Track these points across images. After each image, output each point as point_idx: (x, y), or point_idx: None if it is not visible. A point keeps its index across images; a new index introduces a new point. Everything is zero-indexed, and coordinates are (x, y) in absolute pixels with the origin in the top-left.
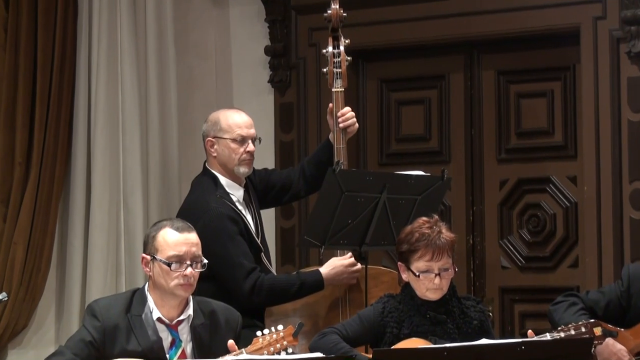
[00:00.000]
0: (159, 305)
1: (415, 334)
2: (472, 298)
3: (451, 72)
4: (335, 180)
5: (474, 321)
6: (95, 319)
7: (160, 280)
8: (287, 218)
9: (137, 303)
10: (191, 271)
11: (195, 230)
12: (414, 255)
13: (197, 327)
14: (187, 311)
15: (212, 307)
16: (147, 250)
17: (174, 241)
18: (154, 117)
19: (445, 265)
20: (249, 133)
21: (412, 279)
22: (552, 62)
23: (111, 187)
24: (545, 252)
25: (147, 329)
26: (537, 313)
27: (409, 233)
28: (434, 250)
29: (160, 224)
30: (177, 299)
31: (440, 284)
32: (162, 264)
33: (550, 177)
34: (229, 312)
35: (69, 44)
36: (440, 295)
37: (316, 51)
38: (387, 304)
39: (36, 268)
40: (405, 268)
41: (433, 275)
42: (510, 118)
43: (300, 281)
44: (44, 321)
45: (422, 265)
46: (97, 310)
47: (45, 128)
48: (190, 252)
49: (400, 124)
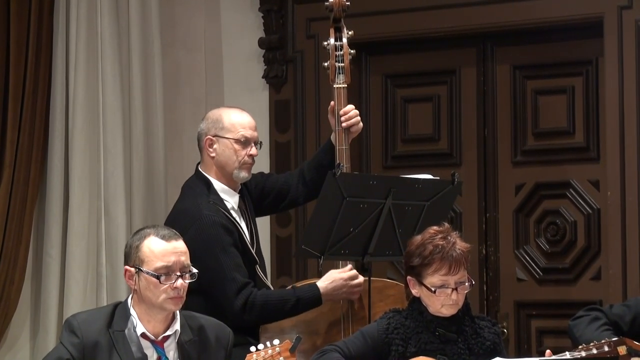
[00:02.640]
0: (144, 320)
1: (423, 352)
2: (487, 318)
3: (462, 66)
4: (336, 185)
5: (486, 342)
6: (74, 335)
7: (147, 294)
8: (283, 226)
9: (119, 318)
10: (181, 283)
11: (181, 238)
12: (427, 269)
13: (184, 344)
14: (174, 326)
15: (201, 323)
16: (130, 262)
17: (160, 251)
18: (137, 116)
19: (461, 279)
20: (253, 135)
21: (426, 295)
22: (573, 55)
23: (91, 191)
24: (565, 263)
25: (130, 346)
26: (556, 329)
27: (420, 245)
28: (450, 263)
29: (143, 232)
30: (164, 312)
31: (457, 299)
32: (150, 277)
33: (570, 182)
34: (219, 328)
35: (45, 34)
36: (456, 311)
37: (315, 44)
38: (392, 319)
39: (9, 280)
40: (416, 283)
41: (450, 291)
42: (526, 117)
43: (296, 297)
44: (18, 339)
45: (437, 280)
46: (76, 326)
47: (19, 127)
48: (180, 261)
49: (406, 123)
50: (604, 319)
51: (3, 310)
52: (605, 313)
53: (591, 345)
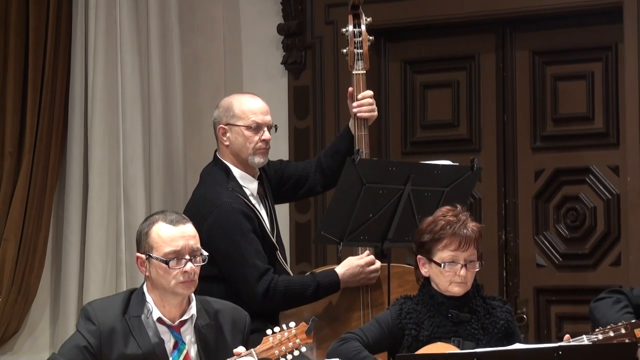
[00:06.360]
0: (159, 305)
1: (436, 335)
2: (497, 298)
3: (481, 52)
4: (355, 171)
5: (500, 321)
6: (90, 322)
7: (159, 279)
8: (303, 212)
9: (135, 304)
10: (191, 266)
11: (190, 221)
12: (437, 244)
13: (201, 329)
14: (190, 311)
15: (217, 307)
16: (141, 249)
17: (169, 236)
18: (156, 102)
19: (471, 257)
20: (265, 120)
21: (435, 272)
22: (592, 41)
23: (110, 178)
24: (584, 249)
25: (147, 331)
26: (576, 315)
27: (431, 222)
28: (461, 239)
29: (152, 219)
30: (178, 297)
31: (465, 277)
32: (159, 262)
33: (590, 167)
34: (236, 312)
35: (64, 21)
36: (465, 291)
37: (334, 30)
38: (404, 305)
39: (29, 267)
40: (426, 261)
41: (459, 267)
42: (546, 103)
43: (316, 283)
44: (38, 325)
45: (447, 256)
46: (92, 313)
47: (38, 114)
48: (188, 245)
49: (425, 109)
50: (625, 302)
51: (23, 297)
52: (627, 295)
53: (608, 329)
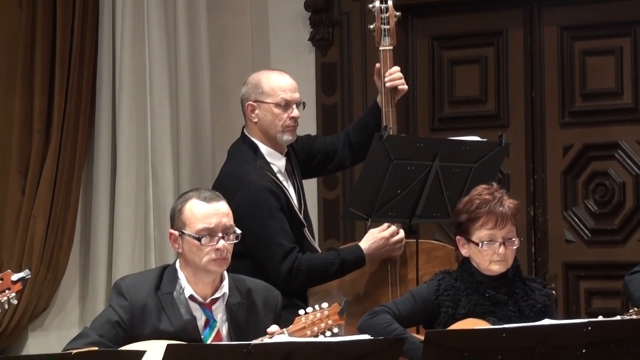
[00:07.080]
0: (191, 282)
1: (473, 313)
2: (538, 280)
3: (509, 27)
4: (383, 147)
5: (537, 304)
6: (123, 298)
7: (191, 256)
8: (331, 188)
9: (167, 280)
10: (224, 244)
11: (224, 199)
12: (474, 224)
13: (233, 307)
14: (222, 289)
15: (249, 285)
16: (174, 226)
17: (202, 213)
18: (184, 79)
19: (509, 235)
20: (294, 97)
21: (474, 252)
22: (621, 15)
23: (138, 155)
24: (613, 225)
25: (179, 308)
26: (605, 291)
27: (467, 202)
28: (497, 217)
29: (186, 196)
30: (211, 275)
31: (505, 254)
32: (192, 239)
33: (618, 143)
34: (268, 291)
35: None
36: (505, 268)
37: (361, 6)
38: (443, 281)
39: (58, 244)
40: (465, 241)
41: (497, 245)
42: (574, 78)
43: (340, 259)
44: (67, 301)
45: (485, 235)
46: (125, 288)
47: (66, 92)
48: (221, 223)
49: (453, 85)
50: None
51: (52, 273)
52: None
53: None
